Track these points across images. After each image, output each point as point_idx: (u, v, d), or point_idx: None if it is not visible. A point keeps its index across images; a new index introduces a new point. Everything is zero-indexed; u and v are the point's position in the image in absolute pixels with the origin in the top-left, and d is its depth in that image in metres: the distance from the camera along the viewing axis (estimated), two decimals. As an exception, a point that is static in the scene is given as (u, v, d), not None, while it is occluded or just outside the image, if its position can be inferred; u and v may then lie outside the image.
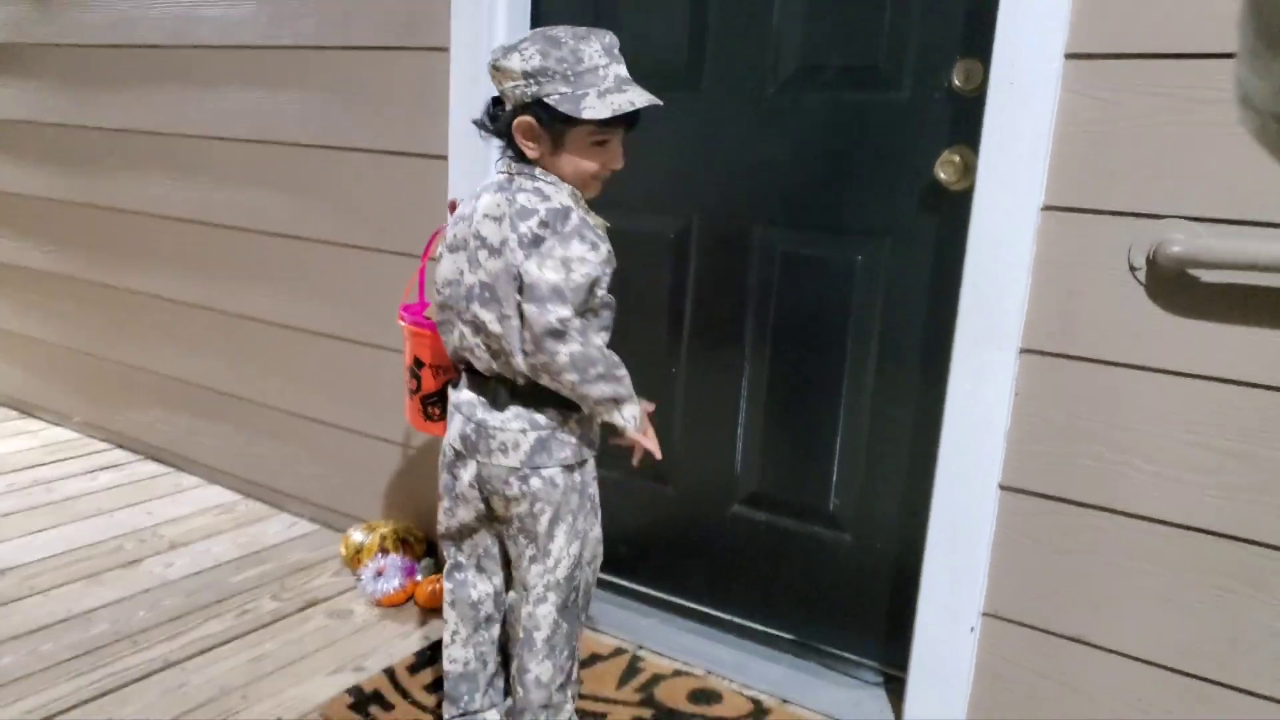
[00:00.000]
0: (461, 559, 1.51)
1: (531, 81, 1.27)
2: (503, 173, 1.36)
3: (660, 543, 2.02)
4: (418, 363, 1.60)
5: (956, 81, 1.56)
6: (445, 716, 1.54)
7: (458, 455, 1.42)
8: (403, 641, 1.86)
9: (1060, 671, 1.52)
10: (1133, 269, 1.39)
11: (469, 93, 1.97)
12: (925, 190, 1.62)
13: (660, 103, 1.31)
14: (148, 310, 2.68)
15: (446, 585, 1.54)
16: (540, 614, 1.42)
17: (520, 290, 1.28)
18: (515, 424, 1.36)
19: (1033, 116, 1.41)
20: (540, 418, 1.36)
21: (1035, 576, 1.52)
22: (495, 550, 1.50)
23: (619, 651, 1.86)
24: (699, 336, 1.90)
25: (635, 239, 1.95)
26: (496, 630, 1.54)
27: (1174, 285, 1.36)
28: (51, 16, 2.70)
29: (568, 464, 1.38)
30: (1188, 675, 1.42)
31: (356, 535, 2.11)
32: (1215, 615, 1.39)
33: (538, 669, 1.43)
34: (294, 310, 2.36)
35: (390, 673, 1.74)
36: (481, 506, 1.43)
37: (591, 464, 1.45)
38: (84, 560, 2.13)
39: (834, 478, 1.80)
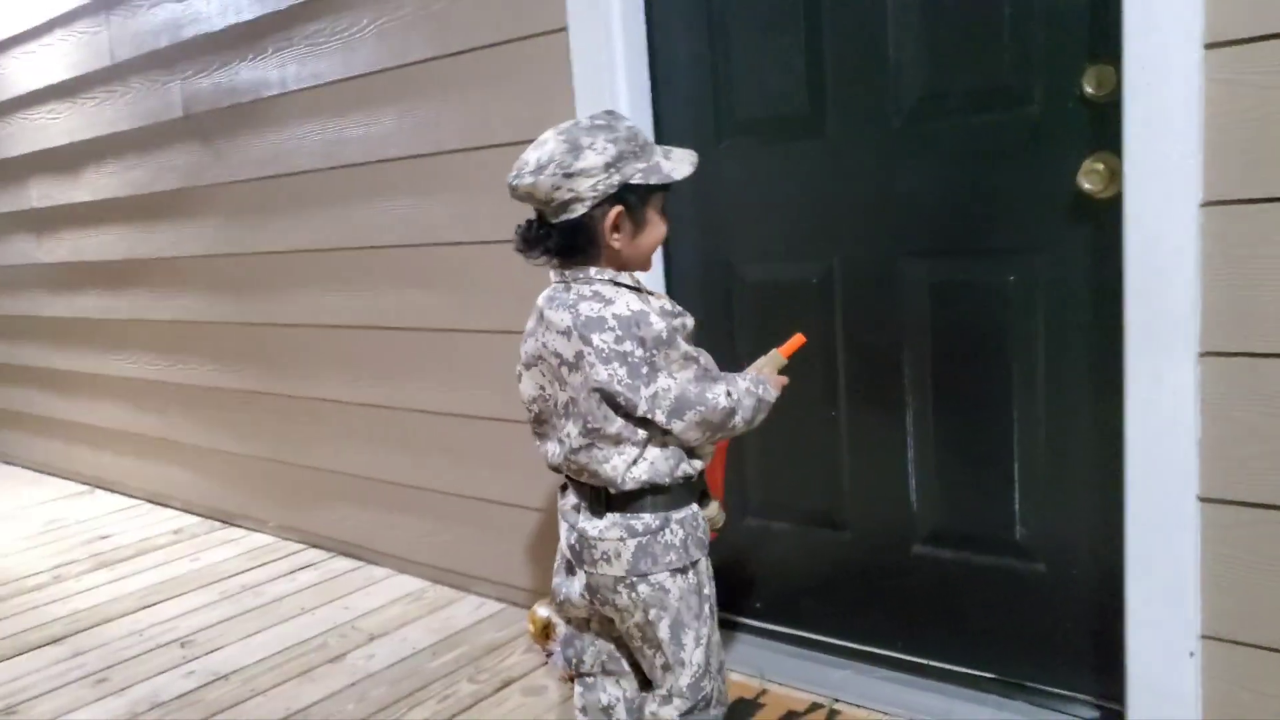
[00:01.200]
0: (586, 662, 1.50)
1: (613, 170, 1.27)
2: (559, 281, 1.36)
3: (843, 590, 1.99)
4: None
5: (1088, 89, 1.52)
6: None
7: (568, 564, 1.42)
8: (598, 712, 1.89)
9: (1299, 692, 1.41)
10: (1315, 254, 1.31)
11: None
12: (1071, 202, 1.57)
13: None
14: (326, 415, 2.86)
15: (576, 690, 1.52)
16: (663, 715, 1.40)
17: (615, 402, 1.27)
18: (613, 532, 1.34)
19: (1177, 114, 1.36)
20: (637, 524, 1.34)
21: (1258, 592, 1.42)
22: (619, 653, 1.48)
23: (815, 707, 1.83)
24: (855, 377, 1.89)
25: (779, 288, 1.97)
26: None
27: (1365, 265, 1.27)
28: (222, 158, 2.97)
29: (675, 567, 1.35)
30: None
31: (542, 611, 2.17)
32: None
33: None
34: (459, 399, 2.47)
35: (591, 744, 1.77)
36: (595, 613, 1.43)
37: (705, 564, 1.41)
38: (295, 659, 2.26)
39: (1016, 506, 1.73)
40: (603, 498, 1.35)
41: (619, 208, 1.30)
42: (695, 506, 1.39)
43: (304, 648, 2.32)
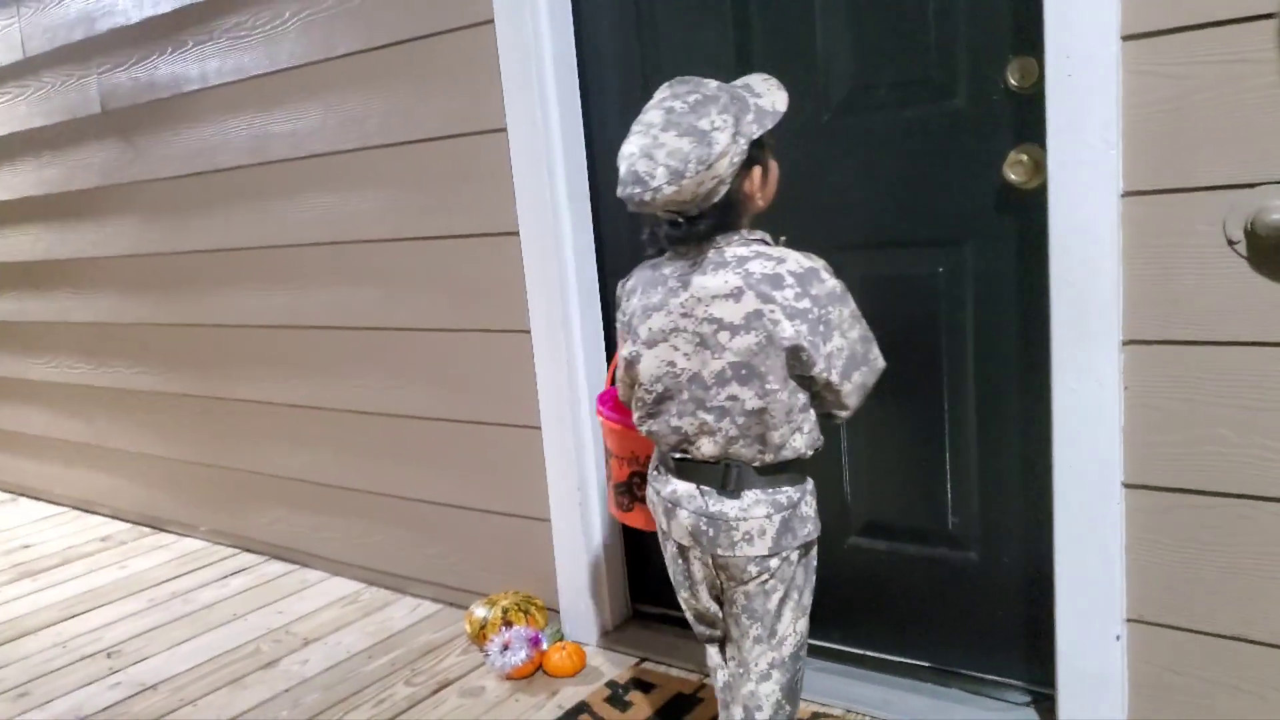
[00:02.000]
0: (714, 633, 1.45)
1: (738, 137, 1.21)
2: (683, 256, 1.28)
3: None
4: (608, 453, 1.61)
5: (1012, 81, 1.53)
6: None
7: (686, 550, 1.36)
8: (537, 713, 1.87)
9: (1223, 673, 1.44)
10: (1231, 243, 1.33)
11: (529, 167, 2.02)
12: (998, 193, 1.59)
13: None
14: (256, 416, 2.79)
15: (708, 653, 1.47)
16: (763, 692, 1.36)
17: (799, 359, 1.23)
18: (758, 510, 1.29)
19: (1097, 105, 1.38)
20: (782, 498, 1.30)
21: (1178, 575, 1.45)
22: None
23: (753, 699, 1.83)
24: (789, 371, 1.89)
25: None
26: None
27: (1278, 253, 1.30)
28: (143, 156, 2.87)
29: (808, 541, 1.34)
30: (1362, 661, 1.33)
31: (479, 611, 2.14)
32: (1382, 594, 1.30)
33: None
34: (390, 398, 2.43)
35: (529, 746, 1.75)
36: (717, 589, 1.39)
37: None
38: (226, 666, 2.20)
39: (949, 496, 1.75)
40: (737, 475, 1.29)
41: (756, 168, 1.27)
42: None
43: (236, 654, 2.26)
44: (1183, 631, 1.46)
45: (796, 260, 1.25)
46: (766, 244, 1.28)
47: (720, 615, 1.41)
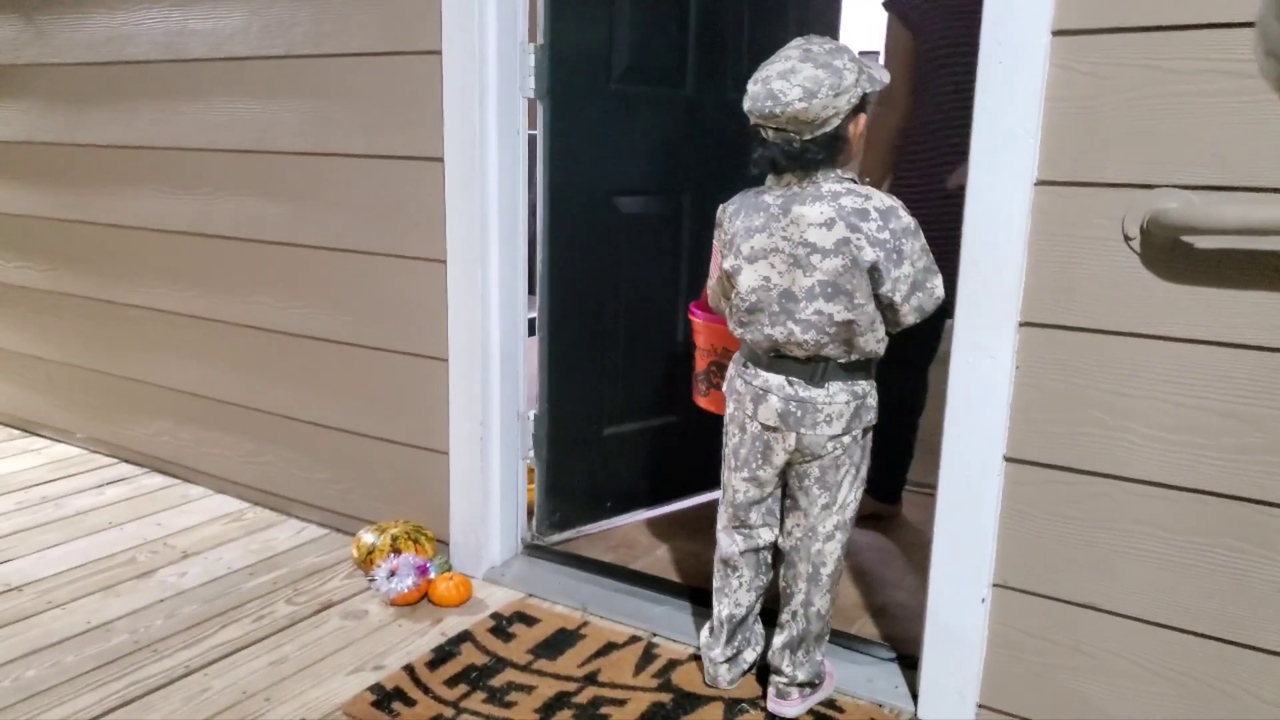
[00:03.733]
0: (754, 518, 1.69)
1: (858, 84, 1.46)
2: (786, 186, 1.53)
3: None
4: (693, 345, 1.97)
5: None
6: (718, 657, 1.73)
7: (773, 430, 1.59)
8: (420, 639, 1.88)
9: (1072, 638, 1.55)
10: (1127, 239, 1.41)
11: (461, 95, 1.99)
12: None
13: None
14: (148, 324, 2.69)
15: (734, 540, 1.71)
16: (829, 550, 1.64)
17: (874, 278, 1.49)
18: (841, 396, 1.57)
19: (1022, 93, 1.44)
20: (858, 388, 1.58)
21: (1044, 546, 1.54)
22: (777, 506, 1.70)
23: (634, 639, 1.88)
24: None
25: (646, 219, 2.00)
26: (769, 577, 1.75)
27: (1168, 253, 1.38)
28: (44, 37, 2.71)
29: (869, 425, 1.61)
30: (1199, 635, 1.45)
31: (368, 537, 2.13)
32: (1222, 575, 1.42)
33: (820, 601, 1.65)
34: (294, 317, 2.37)
35: (410, 669, 1.76)
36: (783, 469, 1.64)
37: None
38: (99, 573, 2.14)
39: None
40: (824, 369, 1.56)
41: (861, 115, 1.52)
42: None
43: (109, 562, 2.20)
44: (1041, 598, 1.56)
45: (880, 199, 1.50)
46: (855, 183, 1.53)
47: (772, 492, 1.67)
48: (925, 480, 2.51)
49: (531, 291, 2.18)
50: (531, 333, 2.22)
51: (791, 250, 1.51)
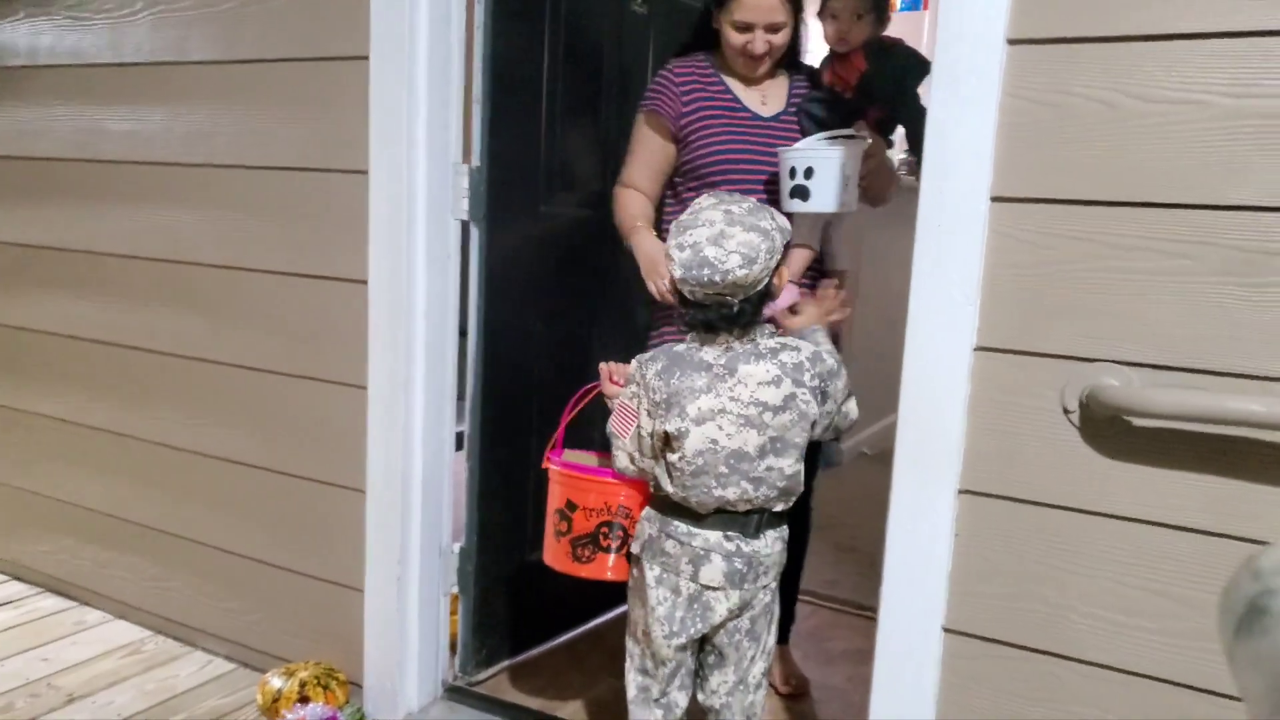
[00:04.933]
0: (671, 687, 1.62)
1: (780, 239, 1.52)
2: (724, 346, 1.53)
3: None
4: (570, 505, 1.71)
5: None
6: None
7: (713, 589, 1.53)
8: (325, 804, 1.74)
9: (1014, 821, 1.47)
10: (1066, 411, 1.37)
11: (388, 216, 1.92)
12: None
13: None
14: (52, 433, 2.53)
15: (652, 714, 1.63)
16: (758, 699, 1.63)
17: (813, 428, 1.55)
18: (777, 545, 1.58)
19: (961, 259, 1.41)
20: (784, 533, 1.60)
21: (985, 723, 1.48)
22: (692, 665, 1.64)
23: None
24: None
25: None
26: None
27: (1108, 429, 1.35)
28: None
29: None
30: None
31: (274, 681, 1.99)
32: (1168, 764, 1.36)
33: None
34: (207, 436, 2.24)
35: (311, 846, 1.62)
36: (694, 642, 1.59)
37: None
38: (-29, 722, 1.97)
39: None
40: (760, 519, 1.55)
41: (783, 267, 1.55)
42: None
43: (-16, 710, 2.02)
44: (984, 778, 1.49)
45: (805, 347, 1.55)
46: (776, 328, 1.61)
47: (684, 661, 1.61)
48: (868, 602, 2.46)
49: (461, 397, 2.09)
50: (459, 447, 2.13)
51: (742, 411, 1.50)
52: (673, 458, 1.54)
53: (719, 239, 1.46)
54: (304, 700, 1.93)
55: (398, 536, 1.99)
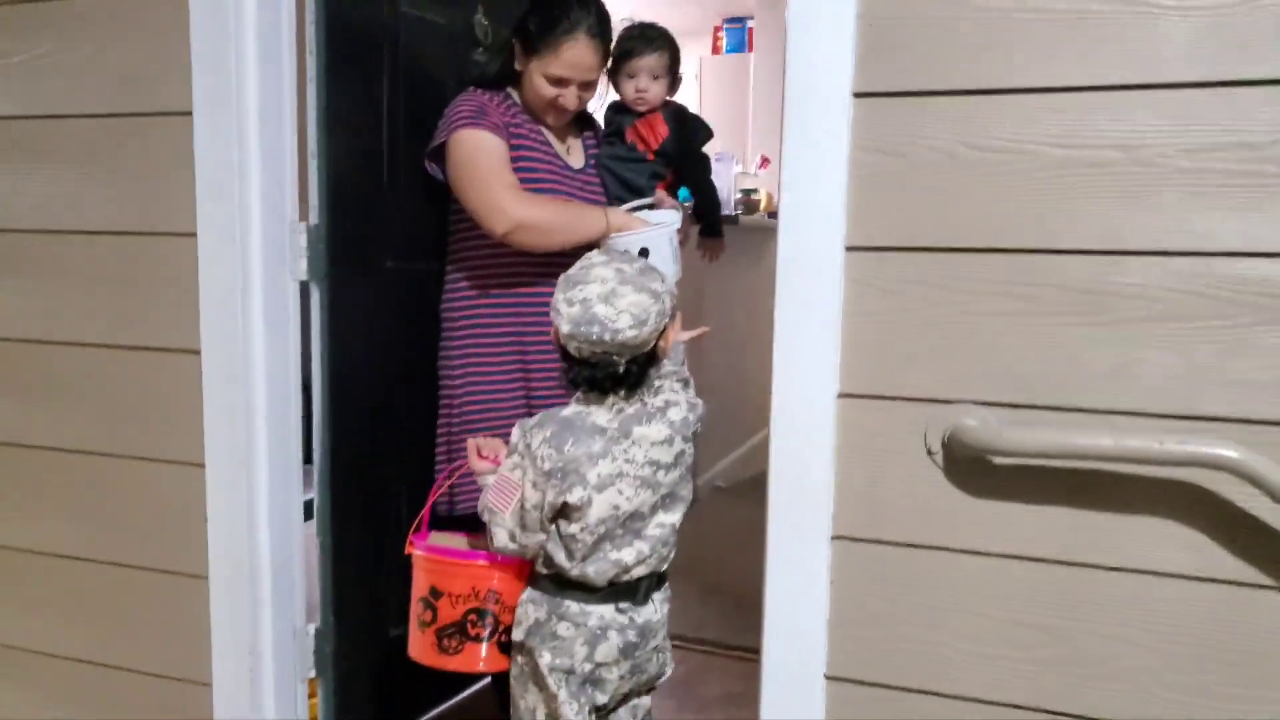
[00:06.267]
0: None
1: (669, 300, 1.51)
2: (613, 408, 1.51)
3: None
4: (435, 592, 1.63)
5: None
6: None
7: (609, 665, 1.52)
8: None
9: None
10: (930, 452, 1.41)
11: (220, 281, 1.79)
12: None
13: None
14: None
15: None
16: None
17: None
18: (664, 607, 1.60)
19: (819, 309, 1.42)
20: (666, 588, 1.61)
21: (870, 767, 1.48)
22: None
23: None
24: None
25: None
26: None
27: (970, 468, 1.39)
28: None
29: None
30: None
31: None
32: (1043, 791, 1.40)
33: None
34: (24, 529, 2.02)
35: None
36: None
37: None
38: None
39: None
40: (647, 584, 1.54)
41: (670, 327, 1.52)
42: None
43: None
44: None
45: (684, 400, 1.58)
46: (672, 385, 1.59)
47: None
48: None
49: (307, 461, 1.97)
50: (308, 516, 2.00)
51: (638, 472, 1.50)
52: (572, 529, 1.49)
53: (610, 297, 1.44)
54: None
55: (247, 622, 1.85)
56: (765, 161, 5.21)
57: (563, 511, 1.49)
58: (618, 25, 2.07)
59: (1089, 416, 1.33)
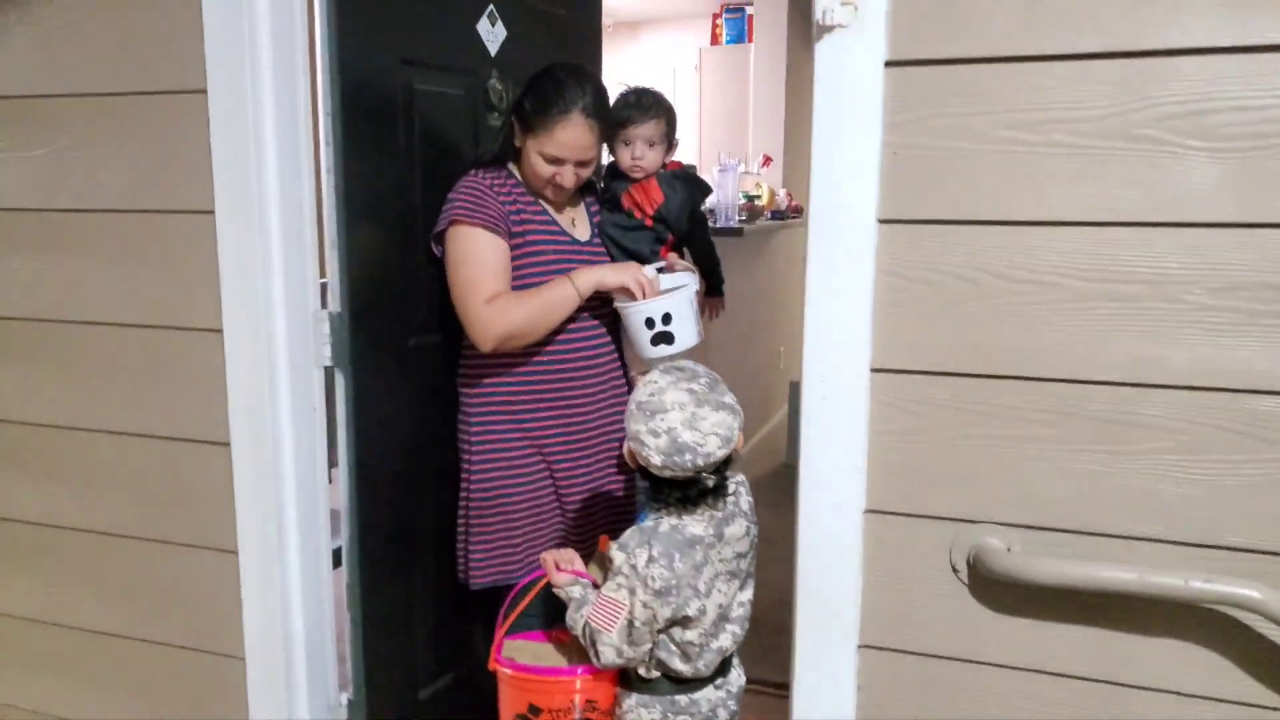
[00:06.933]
0: None
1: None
2: (706, 515, 1.57)
3: None
4: (534, 709, 1.68)
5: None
6: None
7: None
8: None
9: None
10: (955, 570, 1.44)
11: (248, 373, 1.81)
12: (746, 476, 1.63)
13: None
14: None
15: None
16: None
17: None
18: (742, 670, 1.71)
19: (846, 429, 1.45)
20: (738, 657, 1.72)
21: None
22: None
23: None
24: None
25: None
26: None
27: (994, 586, 1.42)
28: None
29: None
30: None
31: None
32: None
33: None
34: (58, 606, 2.07)
35: None
36: None
37: None
38: None
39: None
40: (730, 656, 1.66)
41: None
42: None
43: None
44: None
45: (743, 479, 1.67)
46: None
47: None
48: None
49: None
50: (337, 564, 2.03)
51: (728, 568, 1.59)
52: (689, 636, 1.57)
53: (693, 422, 1.49)
54: None
55: (284, 702, 1.89)
56: (768, 160, 5.16)
57: (680, 622, 1.56)
58: (615, 24, 2.06)
59: (1113, 542, 1.36)
